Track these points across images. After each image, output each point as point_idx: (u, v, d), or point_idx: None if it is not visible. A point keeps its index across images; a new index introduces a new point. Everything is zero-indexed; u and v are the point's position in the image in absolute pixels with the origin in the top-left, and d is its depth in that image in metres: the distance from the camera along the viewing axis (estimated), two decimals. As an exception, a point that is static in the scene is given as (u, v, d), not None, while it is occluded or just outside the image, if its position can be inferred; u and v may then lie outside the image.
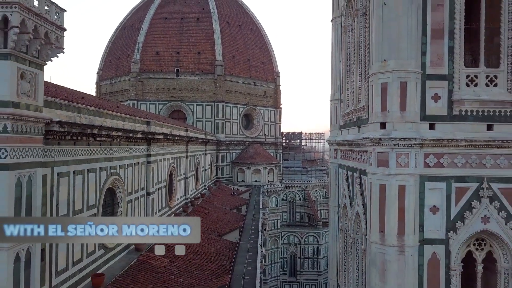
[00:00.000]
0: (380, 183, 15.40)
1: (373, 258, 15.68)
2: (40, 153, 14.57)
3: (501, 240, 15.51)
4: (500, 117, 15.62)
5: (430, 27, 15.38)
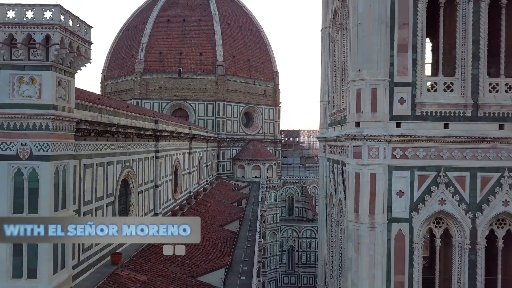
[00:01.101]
0: (355, 172, 18.91)
1: (350, 234, 19.20)
2: (72, 147, 18.08)
3: (455, 219, 19.02)
4: (455, 117, 19.12)
5: (396, 42, 18.84)
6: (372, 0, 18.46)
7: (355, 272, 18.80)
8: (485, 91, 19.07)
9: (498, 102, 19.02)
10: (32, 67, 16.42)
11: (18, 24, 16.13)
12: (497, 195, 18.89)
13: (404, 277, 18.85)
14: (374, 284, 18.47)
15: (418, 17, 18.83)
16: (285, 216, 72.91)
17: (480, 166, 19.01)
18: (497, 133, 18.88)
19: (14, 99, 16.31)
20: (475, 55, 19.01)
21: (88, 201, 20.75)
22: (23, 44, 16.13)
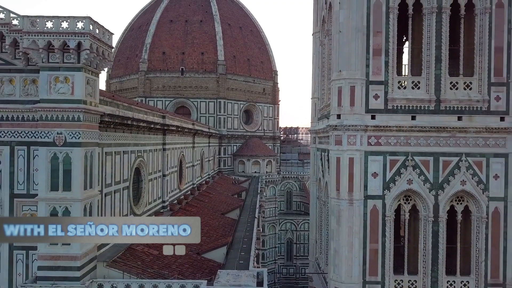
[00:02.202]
0: (336, 156, 22.77)
1: (332, 209, 23.08)
2: (97, 136, 21.93)
3: (421, 196, 22.88)
4: (421, 110, 22.99)
5: (371, 47, 22.65)
6: (350, 12, 22.33)
7: (337, 240, 22.69)
8: (446, 89, 22.95)
9: (457, 98, 22.91)
10: (66, 69, 20.25)
11: (55, 33, 19.96)
12: (456, 176, 22.79)
13: (378, 245, 22.73)
14: (353, 250, 22.36)
15: (390, 26, 22.69)
16: (283, 210, 76.66)
17: (442, 152, 22.90)
18: (456, 124, 22.78)
19: (51, 95, 20.14)
20: (438, 58, 22.87)
21: (108, 184, 24.60)
22: (59, 49, 19.98)
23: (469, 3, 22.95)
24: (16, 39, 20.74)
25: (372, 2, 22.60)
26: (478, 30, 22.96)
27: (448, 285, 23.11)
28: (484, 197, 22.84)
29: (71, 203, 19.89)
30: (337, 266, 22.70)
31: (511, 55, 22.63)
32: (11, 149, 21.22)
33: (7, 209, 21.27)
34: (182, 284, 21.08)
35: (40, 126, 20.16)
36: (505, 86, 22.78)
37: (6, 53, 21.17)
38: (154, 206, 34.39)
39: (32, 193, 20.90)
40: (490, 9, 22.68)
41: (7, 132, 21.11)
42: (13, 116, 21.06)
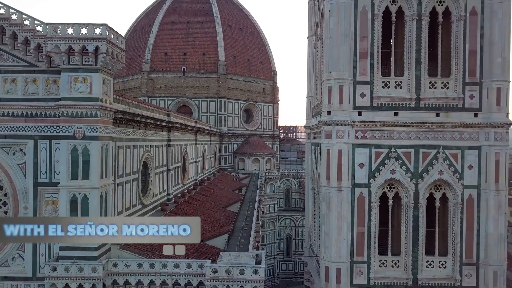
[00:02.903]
0: (327, 149, 25.65)
1: (323, 196, 25.95)
2: (111, 131, 24.68)
3: (403, 184, 25.77)
4: (403, 107, 25.88)
5: (358, 51, 25.53)
6: (339, 19, 25.22)
7: (327, 224, 25.58)
8: (426, 88, 25.85)
9: (436, 96, 25.81)
10: (85, 70, 23.05)
11: (76, 38, 22.76)
12: (434, 166, 25.70)
13: (364, 228, 25.61)
14: (341, 233, 25.24)
15: (375, 31, 25.59)
16: (283, 206, 79.27)
17: (421, 144, 25.80)
18: (434, 119, 25.67)
19: (71, 94, 22.94)
20: (418, 60, 25.77)
21: (120, 175, 27.37)
22: (79, 53, 22.82)
23: (446, 11, 25.87)
24: (40, 44, 23.51)
25: (359, 10, 25.49)
26: (454, 35, 25.86)
27: (428, 265, 26.03)
28: (460, 185, 25.77)
29: (89, 191, 22.67)
30: (328, 247, 25.59)
31: (483, 57, 25.51)
32: (35, 142, 23.93)
33: (31, 196, 23.95)
34: (188, 263, 23.81)
35: (62, 121, 22.97)
36: (478, 86, 25.72)
37: (31, 56, 23.92)
38: (160, 198, 37.20)
39: (53, 181, 23.57)
40: (464, 17, 25.60)
41: (31, 127, 23.83)
42: (36, 112, 23.77)
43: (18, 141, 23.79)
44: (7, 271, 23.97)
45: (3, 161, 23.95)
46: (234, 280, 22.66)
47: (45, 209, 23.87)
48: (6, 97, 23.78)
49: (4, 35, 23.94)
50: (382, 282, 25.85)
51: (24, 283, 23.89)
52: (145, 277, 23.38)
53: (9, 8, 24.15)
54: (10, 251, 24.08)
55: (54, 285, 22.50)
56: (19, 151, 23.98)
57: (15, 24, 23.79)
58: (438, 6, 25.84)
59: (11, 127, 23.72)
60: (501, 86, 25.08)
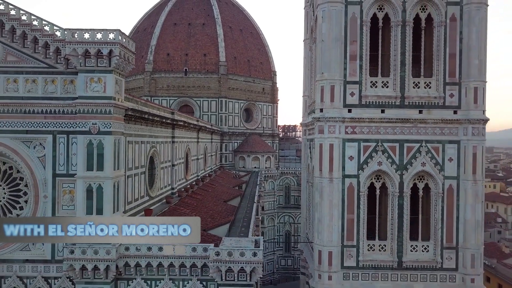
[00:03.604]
0: (319, 143, 28.45)
1: (316, 185, 28.73)
2: (122, 127, 27.37)
3: (389, 175, 28.55)
4: (389, 105, 28.67)
5: (348, 54, 28.32)
6: (331, 25, 28.02)
7: (320, 212, 28.37)
8: (410, 87, 28.64)
9: (419, 95, 28.61)
10: (99, 71, 25.72)
11: (91, 42, 25.44)
12: (417, 158, 28.51)
13: (353, 216, 28.40)
14: (333, 220, 28.04)
15: (363, 36, 28.39)
16: (282, 204, 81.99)
17: (406, 139, 28.59)
18: (417, 116, 28.48)
19: (87, 93, 25.62)
20: (403, 62, 28.56)
21: (130, 168, 30.11)
22: (94, 56, 25.42)
23: (429, 17, 28.69)
24: (59, 47, 26.23)
25: (349, 17, 28.31)
26: (436, 40, 28.64)
27: (412, 249, 28.84)
28: (441, 176, 28.56)
29: (103, 181, 25.39)
30: (320, 233, 28.39)
31: (462, 60, 28.33)
32: (54, 137, 26.60)
33: (50, 186, 26.60)
34: (193, 247, 26.38)
35: (78, 118, 25.67)
36: (457, 85, 28.55)
37: (50, 58, 26.63)
38: (165, 191, 40.01)
39: (70, 173, 26.24)
40: (445, 23, 28.41)
41: (50, 123, 26.50)
42: (55, 110, 26.44)
43: (38, 136, 26.45)
44: (28, 254, 26.61)
45: (25, 154, 26.58)
46: (235, 262, 25.24)
47: (63, 198, 26.50)
48: (28, 95, 26.44)
49: (26, 39, 26.59)
50: (370, 264, 28.65)
51: (44, 265, 26.51)
52: (154, 259, 25.93)
53: (31, 14, 26.91)
54: (31, 236, 26.70)
55: (71, 266, 25.16)
56: (39, 145, 26.58)
57: (36, 30, 26.49)
58: (421, 13, 28.68)
59: (32, 123, 26.37)
60: (478, 86, 27.87)
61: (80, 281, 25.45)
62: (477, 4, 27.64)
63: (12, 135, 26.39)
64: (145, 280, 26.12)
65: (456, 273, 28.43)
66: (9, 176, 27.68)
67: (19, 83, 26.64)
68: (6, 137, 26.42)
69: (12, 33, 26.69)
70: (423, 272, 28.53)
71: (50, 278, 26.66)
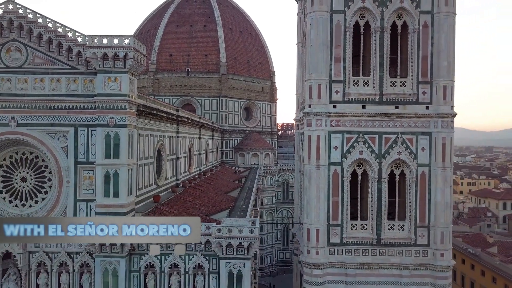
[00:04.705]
0: (308, 135, 32.99)
1: (306, 172, 33.26)
2: (135, 121, 31.73)
3: (369, 163, 33.11)
4: (369, 101, 33.25)
5: (334, 56, 32.86)
6: (318, 31, 32.57)
7: (308, 195, 32.89)
8: (388, 86, 33.19)
9: (395, 92, 33.17)
10: (116, 72, 30.02)
11: (109, 46, 29.78)
12: (394, 148, 33.07)
13: (338, 198, 32.96)
14: (319, 201, 32.57)
15: (347, 41, 32.95)
16: (280, 199, 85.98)
17: (384, 131, 33.17)
18: (394, 111, 33.05)
19: (105, 91, 29.94)
20: (381, 64, 33.11)
21: (141, 158, 34.44)
22: (111, 58, 29.73)
23: (404, 24, 33.27)
24: (80, 51, 30.53)
25: (334, 24, 32.85)
26: (410, 44, 33.17)
27: (389, 227, 33.38)
28: (415, 164, 33.10)
29: (119, 167, 29.73)
30: (309, 213, 32.90)
31: (433, 61, 32.84)
32: (75, 130, 30.89)
33: (72, 172, 30.94)
34: (197, 225, 30.73)
35: (97, 112, 29.99)
36: (429, 84, 33.14)
37: (72, 61, 30.96)
38: (171, 182, 44.43)
39: (90, 160, 30.59)
40: (418, 29, 32.97)
41: (72, 117, 30.83)
42: (76, 105, 30.77)
43: (62, 128, 30.79)
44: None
45: (50, 144, 30.91)
46: (234, 238, 29.52)
47: (83, 183, 30.84)
48: (53, 93, 30.76)
49: (51, 44, 30.94)
50: (353, 241, 33.19)
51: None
52: (163, 236, 30.18)
53: (55, 22, 31.26)
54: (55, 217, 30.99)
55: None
56: (63, 137, 30.88)
57: (60, 35, 30.80)
58: (397, 21, 33.25)
59: (56, 117, 30.72)
60: (447, 84, 32.40)
61: (99, 255, 29.72)
62: (446, 13, 32.19)
63: (39, 128, 30.69)
64: (156, 255, 30.33)
65: (428, 249, 32.98)
66: (35, 164, 31.99)
67: (45, 82, 30.87)
68: (34, 130, 30.68)
69: (39, 39, 30.98)
70: (399, 248, 33.08)
71: (72, 253, 30.98)
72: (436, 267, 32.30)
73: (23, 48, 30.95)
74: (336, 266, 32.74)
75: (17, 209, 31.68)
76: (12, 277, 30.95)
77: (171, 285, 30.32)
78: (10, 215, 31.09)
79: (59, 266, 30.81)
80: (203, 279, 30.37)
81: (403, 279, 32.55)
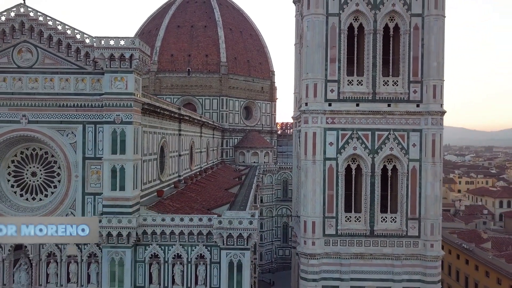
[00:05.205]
0: (305, 131, 34.93)
1: (303, 167, 35.20)
2: (140, 118, 33.53)
3: (363, 158, 35.11)
4: (363, 100, 35.16)
5: (329, 57, 34.74)
6: (314, 33, 34.46)
7: (305, 188, 34.78)
8: (380, 85, 35.08)
9: (388, 91, 35.10)
10: (122, 72, 31.78)
11: (116, 47, 31.55)
12: (386, 144, 35.00)
13: (333, 192, 34.86)
14: (315, 195, 34.47)
15: (341, 42, 34.85)
16: (280, 197, 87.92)
17: (376, 128, 35.08)
18: (386, 109, 34.96)
19: (112, 89, 31.72)
20: (374, 64, 35.00)
21: (145, 154, 36.23)
22: (118, 59, 31.50)
23: (396, 26, 35.16)
24: (88, 52, 32.28)
25: (329, 26, 34.74)
26: (402, 45, 35.06)
27: (382, 219, 35.28)
28: (406, 159, 35.00)
29: (125, 162, 31.51)
30: (305, 206, 34.81)
31: (423, 62, 34.74)
32: (83, 127, 32.60)
33: (81, 167, 32.64)
34: (200, 217, 32.51)
35: (105, 110, 31.70)
36: (419, 83, 35.08)
37: (80, 61, 32.72)
38: (173, 178, 46.23)
39: (97, 156, 32.29)
40: (409, 31, 34.86)
41: (81, 115, 32.55)
42: (84, 104, 32.50)
43: (71, 125, 32.47)
44: (63, 223, 32.73)
45: (59, 141, 32.63)
46: (234, 229, 31.21)
47: (91, 177, 32.53)
48: (62, 92, 32.48)
49: (61, 45, 32.70)
50: (347, 232, 35.13)
51: (76, 233, 32.63)
52: (167, 228, 31.97)
53: (65, 25, 33.02)
54: (64, 210, 32.51)
55: (100, 233, 31.17)
56: (71, 133, 32.53)
57: (69, 37, 32.54)
58: (389, 23, 35.17)
59: (65, 115, 32.45)
60: (436, 83, 34.31)
61: (106, 245, 31.47)
62: (436, 16, 34.11)
63: (49, 125, 32.40)
64: (160, 245, 32.23)
65: (418, 240, 34.91)
66: (45, 160, 33.76)
67: (54, 81, 32.55)
68: (44, 127, 32.39)
69: (49, 40, 32.73)
70: (391, 239, 35.01)
71: (81, 244, 32.60)
72: (426, 257, 34.21)
73: (34, 49, 32.64)
74: (331, 256, 34.64)
75: (28, 202, 33.36)
76: (23, 266, 32.63)
77: (175, 274, 32.04)
78: (21, 208, 32.83)
79: (68, 256, 32.41)
80: (205, 268, 32.08)
81: (395, 269, 34.47)
